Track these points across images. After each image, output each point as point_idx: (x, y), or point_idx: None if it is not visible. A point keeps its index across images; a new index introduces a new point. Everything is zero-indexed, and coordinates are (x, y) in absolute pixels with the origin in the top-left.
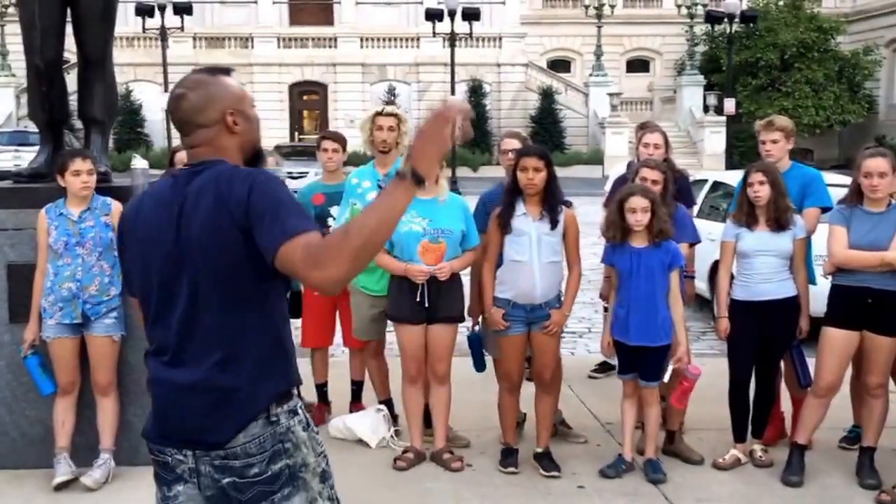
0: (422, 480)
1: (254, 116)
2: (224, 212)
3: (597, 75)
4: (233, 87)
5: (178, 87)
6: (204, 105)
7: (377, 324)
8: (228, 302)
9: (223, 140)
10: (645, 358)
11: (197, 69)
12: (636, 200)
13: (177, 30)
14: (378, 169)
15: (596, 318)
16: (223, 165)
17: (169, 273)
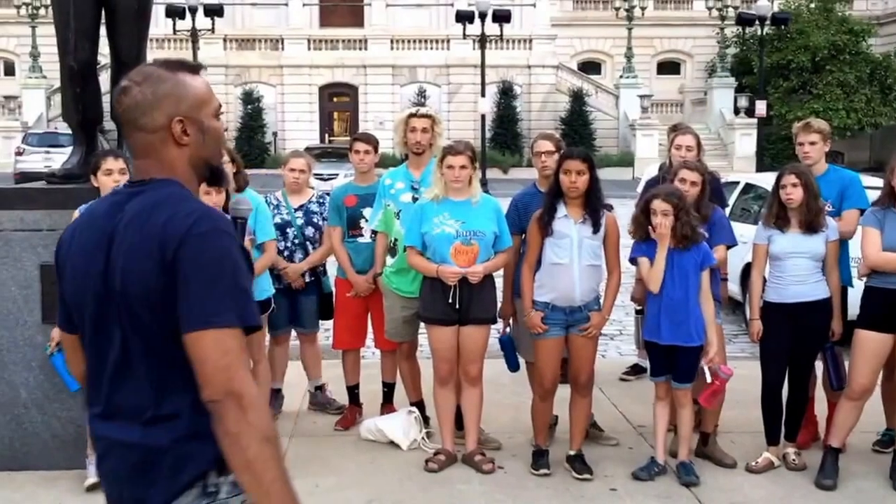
0: (453, 482)
1: (212, 128)
2: (150, 254)
3: (627, 77)
4: (192, 88)
5: (126, 79)
6: (149, 105)
7: (409, 325)
8: (161, 350)
9: (168, 152)
10: (677, 359)
11: (158, 60)
12: (657, 204)
13: (207, 31)
14: (411, 170)
15: (627, 320)
16: (169, 189)
17: (99, 311)
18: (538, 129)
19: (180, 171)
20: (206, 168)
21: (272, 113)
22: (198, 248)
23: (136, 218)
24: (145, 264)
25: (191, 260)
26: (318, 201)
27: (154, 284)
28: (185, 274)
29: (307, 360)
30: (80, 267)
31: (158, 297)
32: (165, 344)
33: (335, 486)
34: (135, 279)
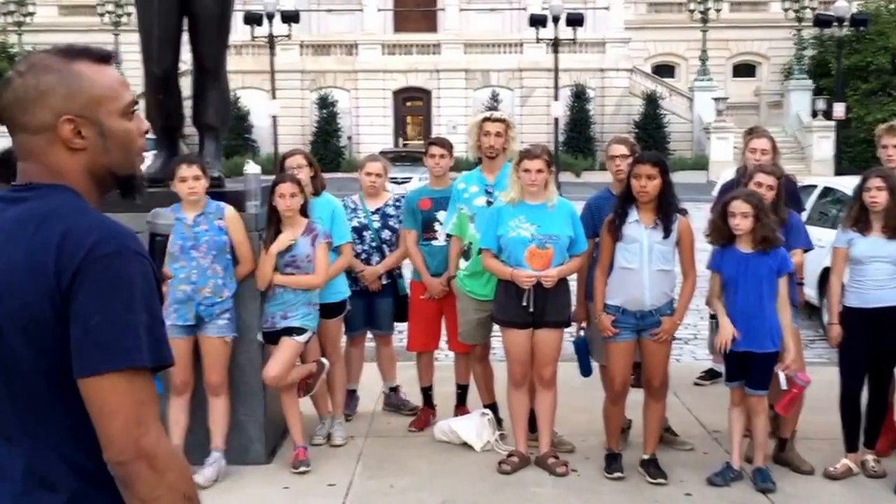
0: (527, 485)
1: (116, 131)
2: (38, 277)
3: (702, 80)
4: (89, 81)
5: (19, 65)
6: (31, 100)
7: (483, 328)
8: (42, 401)
9: (56, 156)
10: (752, 365)
11: (57, 46)
12: (737, 205)
13: (284, 38)
14: (485, 174)
15: (702, 325)
16: (60, 197)
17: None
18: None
19: (73, 179)
20: (110, 178)
21: (346, 117)
22: (102, 273)
23: (19, 231)
24: (29, 289)
25: (93, 287)
26: (395, 204)
27: (41, 315)
28: (85, 304)
29: (382, 361)
30: None
31: (45, 331)
32: (48, 393)
33: (409, 487)
34: (14, 307)
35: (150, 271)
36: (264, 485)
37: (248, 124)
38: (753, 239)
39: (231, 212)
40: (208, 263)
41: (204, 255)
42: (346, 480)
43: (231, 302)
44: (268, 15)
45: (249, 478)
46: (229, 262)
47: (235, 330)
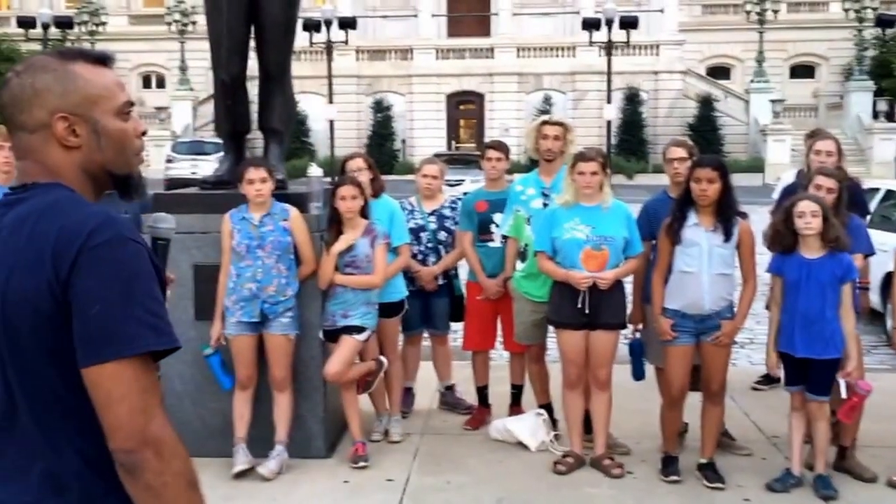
0: (582, 486)
1: (111, 130)
2: (38, 270)
3: (758, 82)
4: (84, 80)
5: (11, 70)
6: (27, 99)
7: (538, 329)
8: (49, 396)
9: (52, 154)
10: (812, 371)
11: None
12: (805, 204)
13: (341, 43)
14: (542, 177)
15: (759, 329)
16: (56, 193)
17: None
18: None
19: (69, 177)
20: (106, 177)
21: (401, 121)
22: (100, 261)
23: (18, 228)
24: (31, 282)
25: (92, 275)
26: (451, 206)
27: (44, 307)
28: (85, 293)
29: (438, 360)
30: None
31: (49, 324)
32: (58, 386)
33: (466, 483)
34: (20, 302)
35: (147, 256)
36: (325, 478)
37: (306, 128)
38: (821, 241)
39: (295, 213)
40: (273, 263)
41: (269, 254)
42: (404, 476)
43: (294, 301)
44: (326, 22)
45: (311, 471)
46: (292, 263)
47: (298, 328)
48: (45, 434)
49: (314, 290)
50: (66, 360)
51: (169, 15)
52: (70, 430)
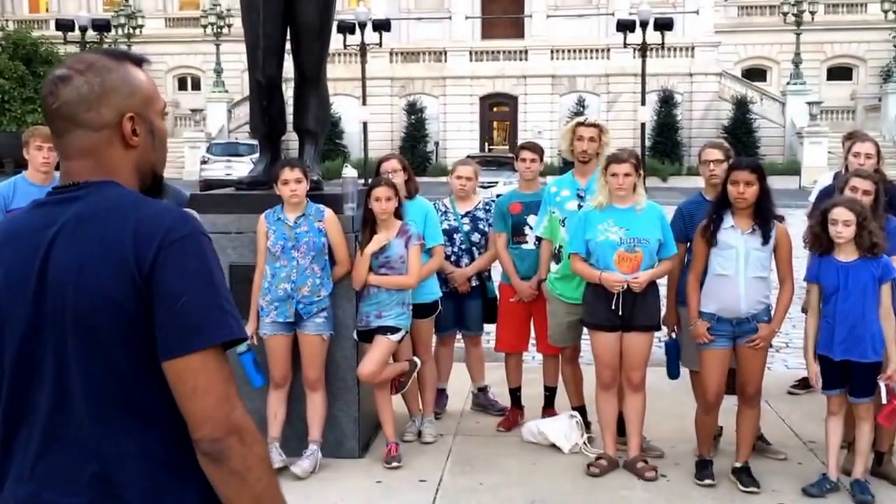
0: (616, 488)
1: (160, 129)
2: (117, 266)
3: (795, 83)
4: (141, 81)
5: (62, 67)
6: (95, 97)
7: (572, 330)
8: (117, 389)
9: (113, 154)
10: (852, 373)
11: (101, 49)
12: (838, 212)
13: (375, 45)
14: (577, 178)
15: (794, 332)
16: (116, 191)
17: (27, 345)
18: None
19: (123, 176)
20: (151, 175)
21: (434, 123)
22: (181, 256)
23: (85, 225)
24: (109, 279)
25: (174, 270)
26: (485, 208)
27: (123, 304)
28: (169, 287)
29: (471, 362)
30: (4, 291)
31: (127, 320)
32: (126, 384)
33: (498, 485)
34: (95, 299)
35: (214, 250)
36: (359, 478)
37: (340, 130)
38: (857, 246)
39: (330, 214)
40: (307, 263)
41: (303, 255)
42: (437, 476)
43: (328, 301)
44: (360, 24)
45: (344, 471)
46: (327, 263)
47: (332, 328)
48: (105, 431)
49: (348, 290)
50: (140, 356)
51: (205, 17)
52: (133, 426)
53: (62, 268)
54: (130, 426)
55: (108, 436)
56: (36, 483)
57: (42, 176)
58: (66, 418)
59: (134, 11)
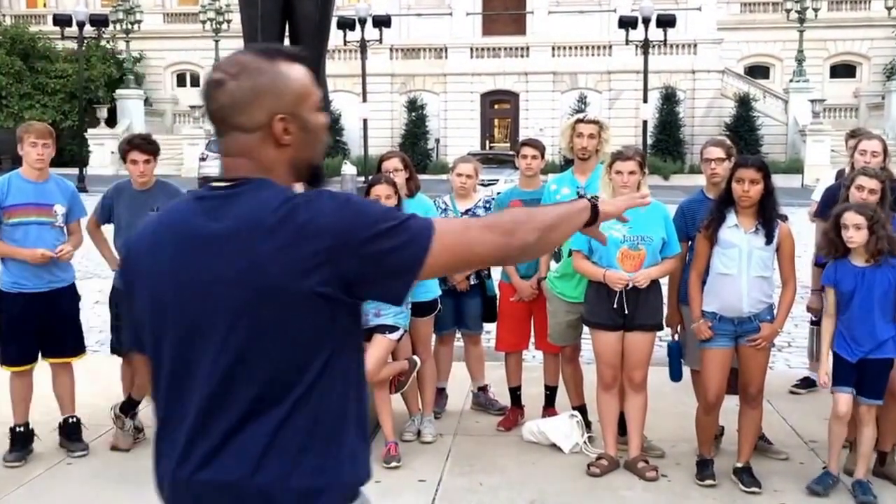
0: (616, 488)
1: (315, 125)
2: (306, 259)
3: (798, 81)
4: (294, 79)
5: (218, 70)
6: (247, 101)
7: (572, 329)
8: (291, 370)
9: (267, 152)
10: (866, 373)
11: (251, 46)
12: (849, 217)
13: (375, 42)
14: (577, 175)
15: (797, 332)
16: (274, 189)
17: (194, 332)
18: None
19: (278, 173)
20: (307, 169)
21: (435, 120)
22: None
23: (257, 219)
24: (300, 271)
25: (382, 245)
26: (485, 205)
27: (318, 290)
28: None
29: (471, 361)
30: (165, 280)
31: (313, 305)
32: (298, 366)
33: (498, 485)
34: (283, 288)
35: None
36: None
37: (340, 127)
38: (867, 251)
39: None
40: None
41: None
42: (436, 477)
43: None
44: (360, 20)
45: None
46: None
47: None
48: (266, 412)
49: None
50: (299, 339)
51: (203, 13)
52: (292, 407)
53: (234, 260)
54: (290, 410)
55: (268, 419)
56: (189, 459)
57: (37, 173)
58: (223, 403)
59: (132, 7)
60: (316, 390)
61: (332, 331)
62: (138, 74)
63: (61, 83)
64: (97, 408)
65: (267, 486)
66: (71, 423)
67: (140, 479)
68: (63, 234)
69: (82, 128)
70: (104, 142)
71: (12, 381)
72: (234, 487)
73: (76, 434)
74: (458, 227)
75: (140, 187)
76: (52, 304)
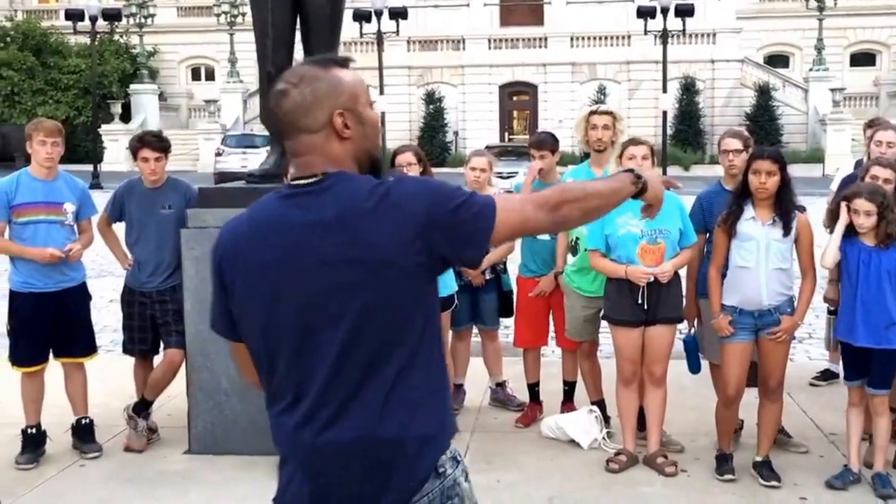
0: (635, 484)
1: (370, 118)
2: (406, 233)
3: (817, 70)
4: (346, 81)
5: (281, 82)
6: (309, 105)
7: (590, 324)
8: (396, 336)
9: (333, 148)
10: (874, 363)
11: (307, 59)
12: (860, 203)
13: (392, 34)
14: (593, 168)
15: (817, 323)
16: (358, 177)
17: (309, 312)
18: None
19: (346, 165)
20: (368, 160)
21: (453, 112)
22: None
23: (354, 207)
24: (406, 245)
25: (464, 221)
26: None
27: (422, 263)
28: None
29: (488, 357)
30: (271, 269)
31: (424, 275)
32: (417, 328)
33: (517, 482)
34: (398, 262)
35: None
36: None
37: None
38: (877, 236)
39: None
40: None
41: None
42: None
43: None
44: (376, 12)
45: None
46: None
47: None
48: (381, 373)
49: None
50: (417, 304)
51: (217, 6)
52: (403, 366)
53: (342, 246)
54: (408, 368)
55: (399, 360)
56: (314, 423)
57: (45, 171)
58: (351, 364)
59: (145, 1)
60: (421, 350)
61: (426, 297)
62: (152, 69)
63: (74, 79)
64: (110, 408)
65: (393, 435)
66: (84, 423)
67: (154, 479)
68: (73, 232)
69: (96, 124)
70: (118, 138)
71: (23, 381)
72: (362, 441)
73: (89, 435)
74: (515, 206)
75: (151, 185)
76: (62, 304)
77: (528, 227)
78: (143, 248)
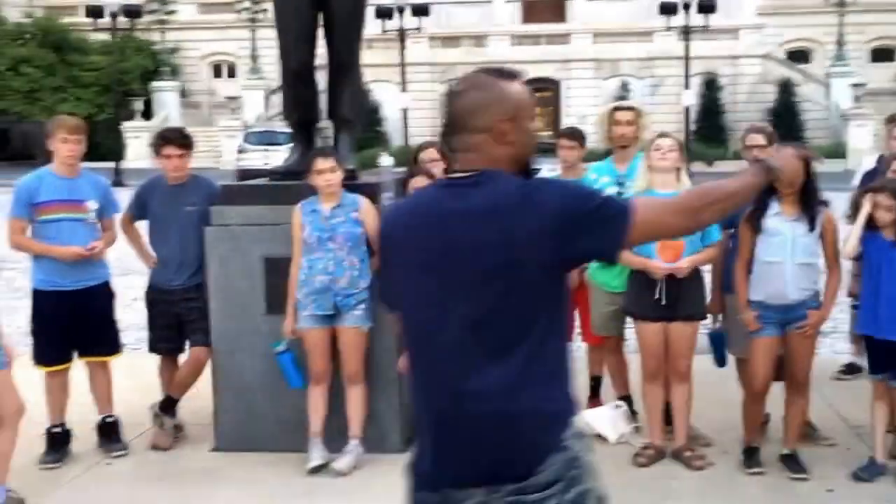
0: (663, 478)
1: (530, 129)
2: (545, 231)
3: (839, 66)
4: (513, 93)
5: (459, 83)
6: (475, 109)
7: (615, 320)
8: (528, 321)
9: (491, 149)
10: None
11: (485, 68)
12: (882, 199)
13: (414, 31)
14: (616, 164)
15: (841, 317)
16: (509, 176)
17: (453, 288)
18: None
19: (504, 165)
20: (523, 165)
21: None
22: (598, 211)
23: (504, 202)
24: (546, 234)
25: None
26: None
27: (554, 258)
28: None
29: None
30: (425, 254)
31: (556, 256)
32: (538, 307)
33: None
34: (532, 245)
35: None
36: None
37: (380, 117)
38: None
39: (366, 204)
40: (344, 255)
41: (340, 246)
42: None
43: (367, 293)
44: (398, 9)
45: (387, 466)
46: (365, 254)
47: (372, 320)
48: (514, 354)
49: None
50: (547, 297)
51: (239, 3)
52: (534, 349)
53: (490, 234)
54: (545, 330)
55: (532, 339)
56: (455, 394)
57: (68, 168)
58: (487, 343)
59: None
60: (549, 336)
61: (556, 290)
62: (174, 66)
63: (95, 76)
64: (136, 406)
65: (523, 410)
66: (109, 422)
67: (181, 478)
68: (96, 230)
69: (118, 121)
70: (140, 135)
71: (47, 381)
72: (496, 415)
73: (115, 434)
74: (653, 209)
75: (174, 182)
76: (85, 303)
77: (663, 229)
78: (167, 245)
